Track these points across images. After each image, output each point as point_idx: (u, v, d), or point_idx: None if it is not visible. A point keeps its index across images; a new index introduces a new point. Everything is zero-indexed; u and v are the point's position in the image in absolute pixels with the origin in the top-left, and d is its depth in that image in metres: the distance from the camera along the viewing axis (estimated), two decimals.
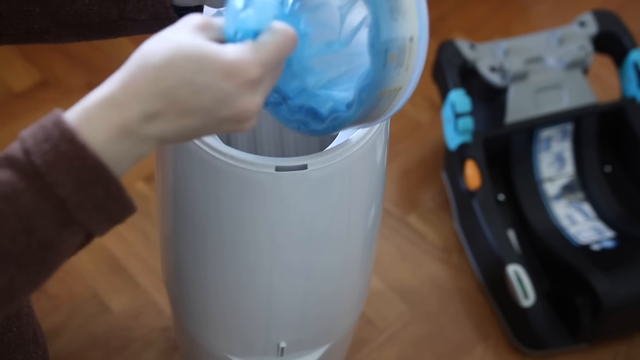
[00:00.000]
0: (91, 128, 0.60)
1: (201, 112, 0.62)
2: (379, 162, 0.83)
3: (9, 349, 0.80)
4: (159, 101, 0.60)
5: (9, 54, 1.63)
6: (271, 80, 0.65)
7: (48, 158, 0.59)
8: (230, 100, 0.62)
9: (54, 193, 0.59)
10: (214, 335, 0.99)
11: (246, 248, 0.85)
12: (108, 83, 0.62)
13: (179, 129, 0.62)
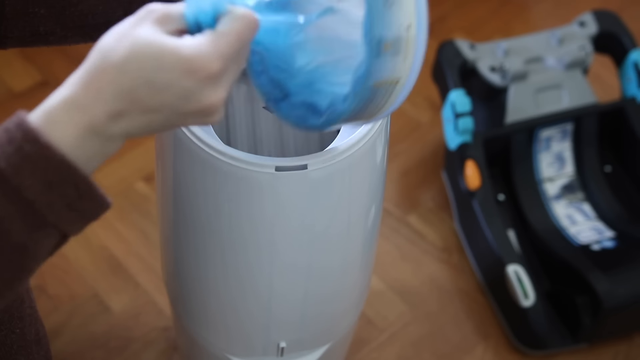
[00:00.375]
0: (55, 129, 0.59)
1: (165, 109, 0.61)
2: (379, 162, 0.83)
3: (12, 350, 0.80)
4: (121, 101, 0.60)
5: (9, 54, 1.63)
6: (235, 69, 0.63)
7: (12, 161, 0.58)
8: (193, 96, 0.61)
9: (21, 196, 0.58)
10: (214, 335, 0.99)
11: (246, 248, 0.85)
12: (69, 83, 0.61)
13: (145, 124, 0.62)
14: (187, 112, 0.62)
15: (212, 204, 0.82)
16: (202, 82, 0.61)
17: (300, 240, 0.84)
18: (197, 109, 0.62)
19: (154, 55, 0.60)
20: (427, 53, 1.59)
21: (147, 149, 1.48)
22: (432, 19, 1.90)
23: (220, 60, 0.61)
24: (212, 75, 0.61)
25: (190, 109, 0.62)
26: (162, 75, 0.60)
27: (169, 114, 0.62)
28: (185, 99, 0.61)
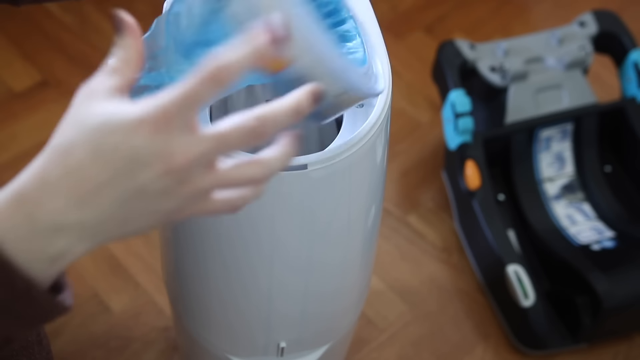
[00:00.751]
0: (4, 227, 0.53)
1: (116, 179, 0.53)
2: (379, 162, 0.83)
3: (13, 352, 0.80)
4: (65, 181, 0.53)
5: (9, 54, 1.63)
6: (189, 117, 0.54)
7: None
8: (145, 154, 0.53)
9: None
10: (214, 335, 0.99)
11: (246, 248, 0.85)
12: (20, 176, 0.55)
13: (97, 209, 0.54)
14: (145, 178, 0.54)
15: None
16: (150, 136, 0.53)
17: (300, 240, 0.84)
18: (155, 169, 0.53)
19: (98, 117, 0.54)
20: (427, 53, 1.60)
21: None
22: (432, 19, 1.91)
23: (164, 112, 0.53)
24: (159, 127, 0.53)
25: (146, 171, 0.53)
26: (107, 138, 0.53)
27: (123, 184, 0.53)
28: (134, 160, 0.53)
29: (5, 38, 1.64)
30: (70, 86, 1.58)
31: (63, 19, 1.68)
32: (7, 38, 1.64)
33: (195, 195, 0.56)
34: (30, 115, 1.54)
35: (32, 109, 1.55)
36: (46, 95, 1.57)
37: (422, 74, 1.61)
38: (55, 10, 1.68)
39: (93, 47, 1.64)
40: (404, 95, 1.60)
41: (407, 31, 1.71)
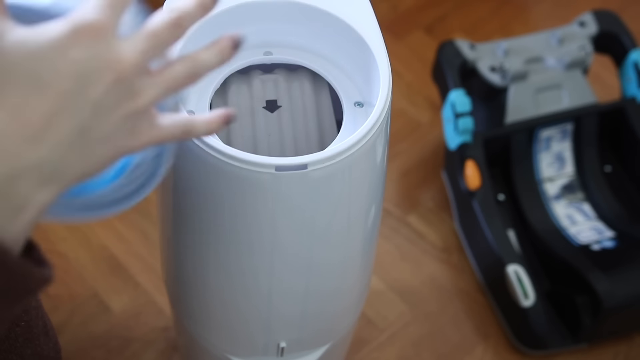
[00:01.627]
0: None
1: (66, 103, 0.49)
2: (379, 162, 0.83)
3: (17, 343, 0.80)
4: (10, 124, 0.49)
5: None
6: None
7: None
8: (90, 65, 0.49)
9: None
10: (214, 335, 0.99)
11: (246, 248, 0.85)
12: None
13: (54, 143, 0.49)
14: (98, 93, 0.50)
15: (211, 204, 0.82)
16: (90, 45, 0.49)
17: (300, 240, 0.84)
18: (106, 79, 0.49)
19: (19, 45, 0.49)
20: (427, 53, 1.60)
21: None
22: (432, 19, 1.91)
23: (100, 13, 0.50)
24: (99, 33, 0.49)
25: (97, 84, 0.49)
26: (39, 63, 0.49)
27: (76, 107, 0.49)
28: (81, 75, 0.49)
29: None
30: None
31: None
32: None
33: (147, 109, 0.53)
34: None
35: None
36: None
37: (422, 74, 1.61)
38: None
39: None
40: (404, 95, 1.60)
41: (407, 31, 1.71)
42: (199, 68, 0.57)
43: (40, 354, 0.83)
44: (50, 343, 0.86)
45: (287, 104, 0.87)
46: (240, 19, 0.86)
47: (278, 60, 0.88)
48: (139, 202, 0.62)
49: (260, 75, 0.88)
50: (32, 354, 0.82)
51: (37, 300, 0.85)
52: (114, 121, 0.52)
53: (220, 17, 0.84)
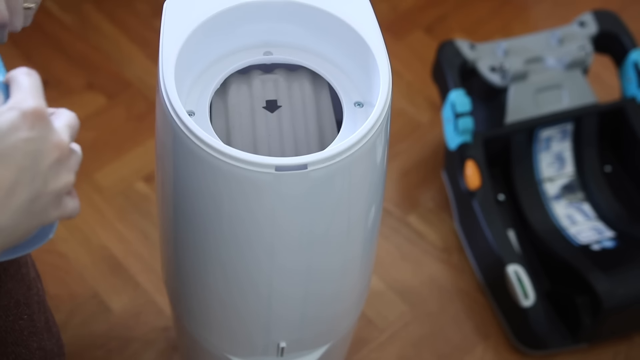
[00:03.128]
0: None
1: (24, 176, 0.56)
2: (379, 162, 0.83)
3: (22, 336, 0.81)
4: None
5: (9, 54, 1.63)
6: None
7: None
8: (41, 144, 0.56)
9: None
10: (214, 335, 0.99)
11: (246, 248, 0.85)
12: None
13: (13, 210, 0.56)
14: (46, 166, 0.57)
15: (212, 203, 0.82)
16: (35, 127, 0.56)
17: (300, 240, 0.84)
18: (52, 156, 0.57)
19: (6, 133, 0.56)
20: (427, 53, 1.60)
21: (147, 149, 1.48)
22: (432, 19, 1.91)
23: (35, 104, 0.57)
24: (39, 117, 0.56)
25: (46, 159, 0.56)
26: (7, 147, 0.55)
27: (32, 179, 0.56)
28: (34, 152, 0.56)
29: None
30: (70, 86, 1.59)
31: (63, 19, 1.68)
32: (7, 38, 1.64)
33: (69, 185, 0.59)
34: None
35: None
36: (46, 95, 1.56)
37: (422, 74, 1.61)
38: (55, 10, 1.68)
39: (93, 47, 1.64)
40: (404, 95, 1.60)
41: (407, 31, 1.71)
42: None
43: (44, 348, 0.84)
44: (53, 339, 0.87)
45: (287, 104, 0.87)
46: (240, 19, 0.86)
47: (278, 60, 0.88)
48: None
49: (260, 75, 0.88)
50: (37, 348, 0.82)
51: (39, 296, 0.85)
52: (56, 191, 0.58)
53: (220, 17, 0.84)
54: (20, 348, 0.79)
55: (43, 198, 0.58)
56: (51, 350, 0.85)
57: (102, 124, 1.52)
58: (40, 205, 0.58)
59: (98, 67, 1.61)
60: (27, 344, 0.81)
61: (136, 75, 1.59)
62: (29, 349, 0.81)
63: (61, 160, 0.58)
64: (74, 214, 0.62)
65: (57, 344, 0.88)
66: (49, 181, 0.57)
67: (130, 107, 1.55)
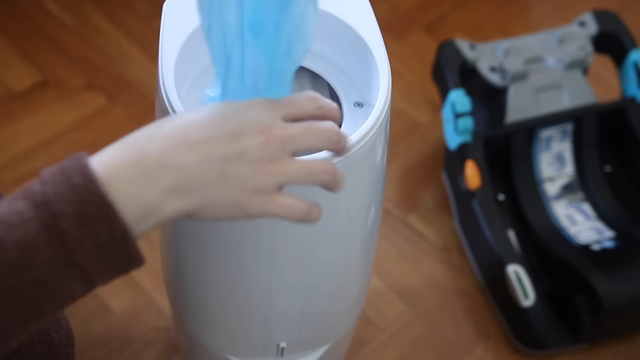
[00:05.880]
0: (105, 162, 0.59)
1: (225, 136, 0.61)
2: (379, 162, 0.83)
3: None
4: (179, 131, 0.61)
5: (9, 54, 1.63)
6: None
7: (58, 188, 0.58)
8: (254, 122, 0.63)
9: (57, 224, 0.57)
10: (214, 335, 0.99)
11: (245, 248, 0.85)
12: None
13: (201, 156, 0.60)
14: (248, 143, 0.62)
15: None
16: (261, 112, 0.63)
17: (299, 241, 0.84)
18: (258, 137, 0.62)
19: (213, 105, 0.64)
20: (427, 53, 1.60)
21: None
22: (432, 19, 1.91)
23: (273, 101, 0.65)
24: (267, 108, 0.64)
25: (251, 137, 0.62)
26: (206, 112, 0.63)
27: (229, 142, 0.61)
28: (244, 124, 0.62)
29: (5, 38, 1.65)
30: (70, 86, 1.59)
31: (63, 19, 1.68)
32: (7, 38, 1.65)
33: (276, 180, 0.63)
34: (30, 115, 1.54)
35: (32, 109, 1.55)
36: (46, 95, 1.57)
37: (422, 74, 1.61)
38: (55, 10, 1.68)
39: (93, 47, 1.64)
40: (404, 95, 1.60)
41: (407, 31, 1.71)
42: (337, 171, 0.67)
43: (50, 342, 0.83)
44: (62, 331, 0.86)
45: None
46: None
47: None
48: None
49: None
50: (40, 342, 0.82)
51: None
52: (249, 169, 0.62)
53: None
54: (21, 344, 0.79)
55: (234, 168, 0.61)
56: (58, 343, 0.85)
57: (102, 124, 1.52)
58: (229, 172, 0.61)
59: (98, 68, 1.61)
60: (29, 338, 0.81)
61: (136, 75, 1.59)
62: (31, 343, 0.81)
63: (267, 145, 0.62)
64: (291, 215, 0.66)
65: (65, 335, 0.87)
66: (246, 156, 0.62)
67: (130, 107, 1.55)
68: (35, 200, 0.58)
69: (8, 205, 0.59)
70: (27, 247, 0.57)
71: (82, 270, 0.60)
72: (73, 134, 1.51)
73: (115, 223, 0.59)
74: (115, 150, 0.60)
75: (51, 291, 0.59)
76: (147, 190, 0.60)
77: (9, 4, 1.69)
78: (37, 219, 0.58)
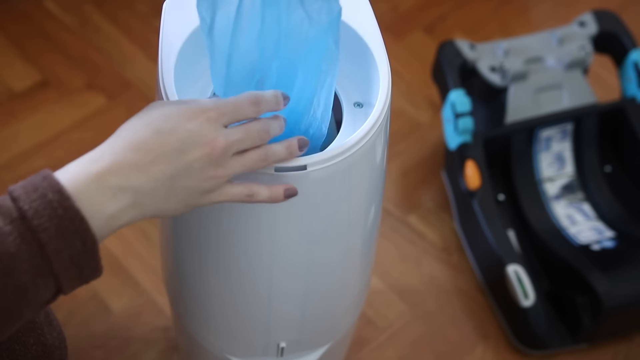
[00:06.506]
0: (71, 180, 0.65)
1: (171, 154, 0.67)
2: (379, 162, 0.83)
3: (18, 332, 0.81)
4: (131, 151, 0.66)
5: (9, 54, 1.63)
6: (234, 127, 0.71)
7: (35, 205, 0.63)
8: (196, 137, 0.68)
9: (37, 237, 0.63)
10: (214, 335, 0.99)
11: (246, 248, 0.85)
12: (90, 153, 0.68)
13: (152, 177, 0.67)
14: (193, 158, 0.68)
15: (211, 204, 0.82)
16: (203, 123, 0.68)
17: (299, 241, 0.84)
18: (201, 151, 0.68)
19: (163, 109, 0.69)
20: (427, 53, 1.60)
21: None
22: (432, 19, 1.91)
23: (217, 109, 0.69)
24: (211, 118, 0.69)
25: (195, 153, 0.68)
26: (169, 123, 0.68)
27: (175, 160, 0.67)
28: (188, 141, 0.68)
29: (5, 38, 1.65)
30: (70, 86, 1.59)
31: (63, 19, 1.68)
32: (7, 38, 1.65)
33: (222, 180, 0.70)
34: (30, 115, 1.54)
35: (32, 109, 1.55)
36: (46, 95, 1.57)
37: (422, 74, 1.61)
38: (55, 10, 1.68)
39: (93, 47, 1.64)
40: (404, 95, 1.60)
41: (407, 31, 1.71)
42: (269, 156, 0.73)
43: (44, 343, 0.84)
44: (54, 332, 0.86)
45: None
46: None
47: None
48: None
49: None
50: (35, 343, 0.82)
51: None
52: (196, 180, 0.69)
53: None
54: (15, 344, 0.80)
55: (184, 180, 0.68)
56: (52, 345, 0.85)
57: (102, 124, 1.52)
58: (179, 184, 0.68)
59: (98, 68, 1.61)
60: (23, 340, 0.81)
61: (136, 75, 1.59)
62: (25, 345, 0.82)
63: (212, 156, 0.68)
64: (234, 198, 0.72)
65: (58, 337, 0.88)
66: (192, 169, 0.68)
67: (130, 107, 1.55)
68: (11, 216, 0.63)
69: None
70: (9, 258, 0.62)
71: (56, 278, 0.65)
72: (73, 134, 1.51)
73: (88, 234, 0.65)
74: (79, 167, 0.66)
75: (28, 296, 0.64)
76: (109, 206, 0.66)
77: (9, 4, 1.69)
78: (15, 233, 0.63)
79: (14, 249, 0.62)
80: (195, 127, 0.68)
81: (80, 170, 0.66)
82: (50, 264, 0.64)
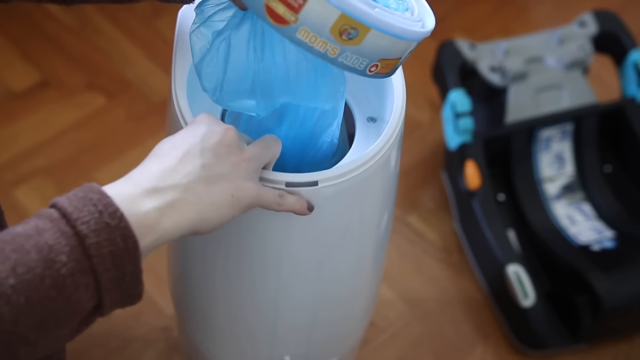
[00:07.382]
0: (108, 186, 0.66)
1: (193, 146, 0.69)
2: (392, 175, 0.82)
3: None
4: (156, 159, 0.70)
5: (9, 54, 1.63)
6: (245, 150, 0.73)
7: (75, 202, 0.64)
8: (213, 127, 0.71)
9: (76, 230, 0.63)
10: (218, 346, 0.98)
11: (253, 263, 0.84)
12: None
13: (184, 171, 0.68)
14: (210, 146, 0.70)
15: None
16: (211, 123, 0.72)
17: (309, 256, 0.83)
18: (216, 139, 0.70)
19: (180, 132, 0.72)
20: (427, 53, 1.60)
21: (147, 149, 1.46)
22: None
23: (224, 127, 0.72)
24: (216, 121, 0.72)
25: (210, 141, 0.70)
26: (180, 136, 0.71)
27: (201, 148, 0.69)
28: (206, 134, 0.70)
29: (5, 38, 1.64)
30: (70, 86, 1.59)
31: (63, 19, 1.68)
32: (7, 38, 1.64)
33: (253, 165, 0.71)
34: (30, 115, 1.53)
35: (32, 109, 1.55)
36: (46, 95, 1.57)
37: (422, 74, 1.61)
38: (56, 11, 1.68)
39: (93, 47, 1.64)
40: None
41: None
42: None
43: None
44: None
45: None
46: None
47: None
48: None
49: None
50: None
51: None
52: (226, 164, 0.70)
53: None
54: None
55: (216, 169, 0.69)
56: None
57: (102, 124, 1.52)
58: (213, 172, 0.69)
59: (98, 68, 1.61)
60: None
61: (136, 75, 1.59)
62: None
63: (228, 140, 0.70)
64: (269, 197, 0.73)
65: None
66: (218, 154, 0.70)
67: (130, 107, 1.55)
68: (51, 216, 0.63)
69: (22, 226, 0.63)
70: (47, 250, 0.61)
71: (95, 278, 0.63)
72: (73, 134, 1.51)
73: (129, 233, 0.64)
74: (115, 184, 0.67)
75: (67, 296, 0.62)
76: (144, 205, 0.66)
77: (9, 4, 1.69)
78: (54, 228, 0.62)
79: (52, 241, 0.62)
80: (203, 128, 0.71)
81: (117, 182, 0.67)
82: (90, 260, 0.62)
